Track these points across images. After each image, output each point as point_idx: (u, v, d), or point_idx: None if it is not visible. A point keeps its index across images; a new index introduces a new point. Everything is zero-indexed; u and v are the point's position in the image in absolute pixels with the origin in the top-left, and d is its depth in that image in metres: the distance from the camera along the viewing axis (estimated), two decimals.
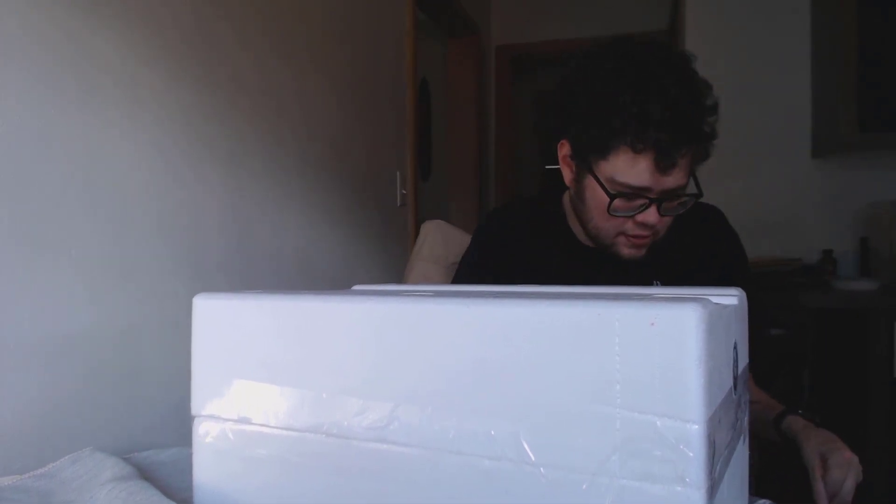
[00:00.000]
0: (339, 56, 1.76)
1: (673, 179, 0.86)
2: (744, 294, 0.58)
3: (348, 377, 0.47)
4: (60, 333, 0.88)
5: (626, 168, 0.86)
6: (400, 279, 1.50)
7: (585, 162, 0.91)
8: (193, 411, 0.55)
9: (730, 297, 0.53)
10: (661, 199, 0.87)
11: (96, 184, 0.94)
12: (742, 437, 0.54)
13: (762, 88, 2.63)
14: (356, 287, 0.71)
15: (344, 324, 0.48)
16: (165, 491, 0.65)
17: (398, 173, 2.22)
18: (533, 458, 0.40)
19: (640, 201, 0.88)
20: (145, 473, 0.73)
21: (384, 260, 2.07)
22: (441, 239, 1.34)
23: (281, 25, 1.46)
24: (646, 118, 0.82)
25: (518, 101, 4.36)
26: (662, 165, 0.84)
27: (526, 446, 0.40)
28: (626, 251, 0.93)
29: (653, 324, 0.37)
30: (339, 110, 1.76)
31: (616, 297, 0.42)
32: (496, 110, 3.69)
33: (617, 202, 0.88)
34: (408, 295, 0.49)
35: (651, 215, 0.88)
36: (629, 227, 0.91)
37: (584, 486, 0.38)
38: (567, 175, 0.97)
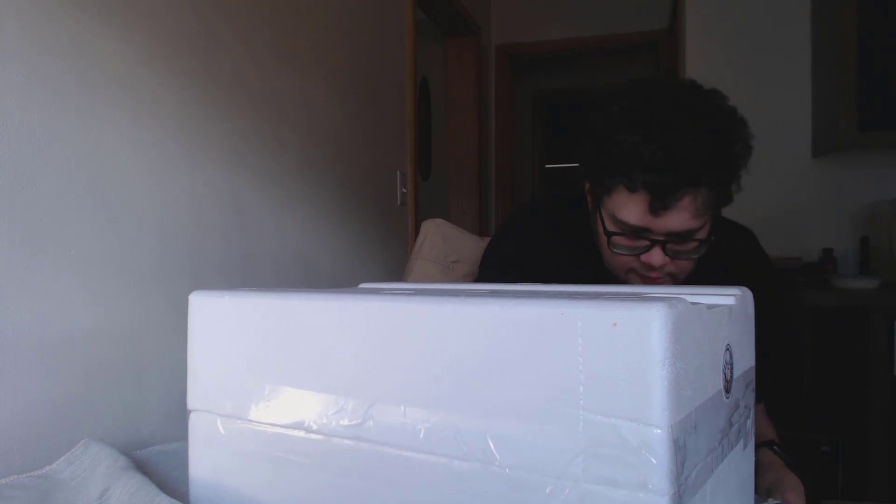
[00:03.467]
0: (339, 55, 1.77)
1: (674, 222, 0.82)
2: (747, 294, 0.56)
3: (328, 375, 0.48)
4: (61, 333, 0.88)
5: (622, 207, 0.84)
6: (400, 278, 1.51)
7: (596, 198, 0.90)
8: (189, 405, 0.56)
9: (726, 297, 0.51)
10: (665, 240, 0.84)
11: (96, 183, 0.95)
12: (742, 442, 0.52)
13: (762, 88, 2.63)
14: (363, 285, 0.72)
15: (324, 322, 0.49)
16: (165, 483, 0.66)
17: (398, 172, 2.22)
18: (499, 459, 0.39)
19: (643, 242, 0.85)
20: (148, 466, 0.73)
21: (384, 259, 2.08)
22: (441, 238, 1.34)
23: (281, 25, 1.46)
24: (638, 158, 0.80)
25: (518, 101, 4.37)
26: (655, 207, 0.81)
27: (492, 447, 0.39)
28: (639, 283, 0.90)
29: (615, 324, 0.35)
30: (340, 110, 1.76)
31: (587, 296, 0.41)
32: (496, 110, 3.69)
33: (617, 239, 0.87)
34: (385, 294, 0.49)
35: (654, 257, 0.85)
36: (637, 265, 0.88)
37: (548, 490, 0.37)
38: (590, 206, 0.96)
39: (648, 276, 0.88)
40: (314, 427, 0.48)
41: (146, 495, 0.60)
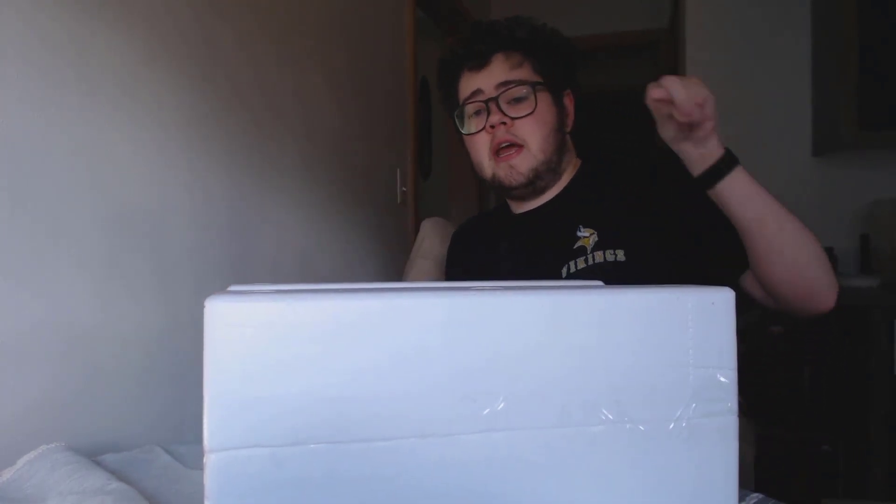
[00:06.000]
0: (339, 55, 1.77)
1: (493, 75, 1.01)
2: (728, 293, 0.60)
3: (433, 375, 0.45)
4: (61, 333, 0.88)
5: (461, 90, 1.06)
6: (400, 277, 1.51)
7: (457, 126, 1.09)
8: (209, 444, 0.43)
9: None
10: (496, 96, 1.01)
11: (97, 183, 0.95)
12: None
13: (763, 87, 2.63)
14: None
15: (408, 323, 0.44)
16: (154, 498, 0.64)
17: (398, 171, 2.22)
18: (629, 417, 0.50)
19: (481, 107, 1.02)
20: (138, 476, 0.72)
21: (384, 258, 2.08)
22: (440, 237, 1.34)
23: (281, 25, 1.46)
24: (453, 48, 1.07)
25: None
26: (473, 66, 1.03)
27: (623, 408, 0.50)
28: (503, 173, 1.03)
29: (713, 303, 0.51)
30: (339, 109, 1.76)
31: (676, 286, 0.55)
32: None
33: (470, 121, 1.05)
34: (477, 290, 0.50)
35: (495, 114, 1.01)
36: (491, 142, 1.02)
37: (671, 427, 0.50)
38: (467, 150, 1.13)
39: (502, 144, 1.01)
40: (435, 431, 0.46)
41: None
